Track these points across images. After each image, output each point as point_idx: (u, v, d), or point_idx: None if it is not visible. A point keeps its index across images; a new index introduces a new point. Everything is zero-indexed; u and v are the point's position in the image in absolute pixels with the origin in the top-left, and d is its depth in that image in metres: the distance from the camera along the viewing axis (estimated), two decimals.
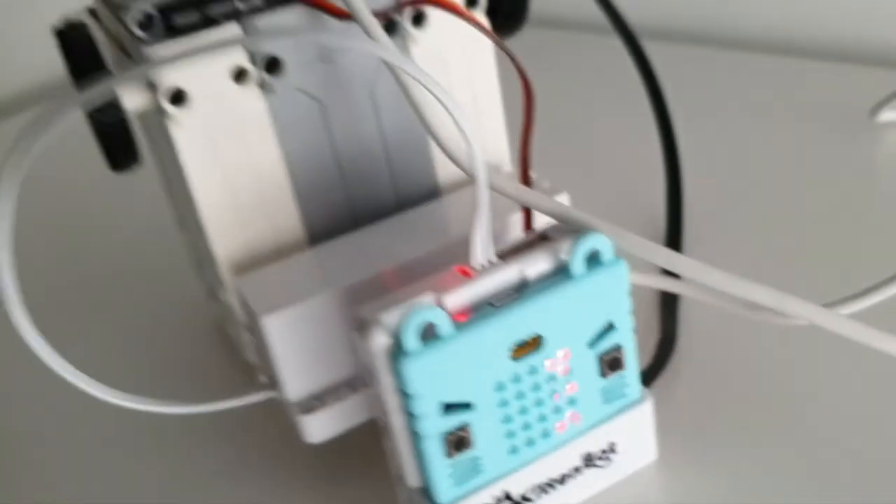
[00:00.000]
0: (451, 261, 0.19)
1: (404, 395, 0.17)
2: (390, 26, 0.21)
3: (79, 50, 0.20)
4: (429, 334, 0.17)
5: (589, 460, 0.20)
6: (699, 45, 0.45)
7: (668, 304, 0.26)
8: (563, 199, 0.23)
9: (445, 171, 0.24)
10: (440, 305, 0.17)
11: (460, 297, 0.18)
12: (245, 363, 0.25)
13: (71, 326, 0.30)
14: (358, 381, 0.21)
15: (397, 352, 0.17)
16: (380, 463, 0.20)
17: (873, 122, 0.34)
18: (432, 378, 0.17)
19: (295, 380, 0.21)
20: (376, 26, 0.19)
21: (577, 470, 0.20)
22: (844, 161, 0.33)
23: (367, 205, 0.23)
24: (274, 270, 0.21)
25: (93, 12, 0.23)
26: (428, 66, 0.20)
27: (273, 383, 0.22)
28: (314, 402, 0.21)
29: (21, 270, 0.16)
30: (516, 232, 0.21)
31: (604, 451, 0.20)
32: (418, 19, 0.22)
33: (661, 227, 0.30)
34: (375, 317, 0.17)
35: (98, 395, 0.19)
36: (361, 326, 0.17)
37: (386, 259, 0.21)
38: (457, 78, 0.23)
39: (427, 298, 0.17)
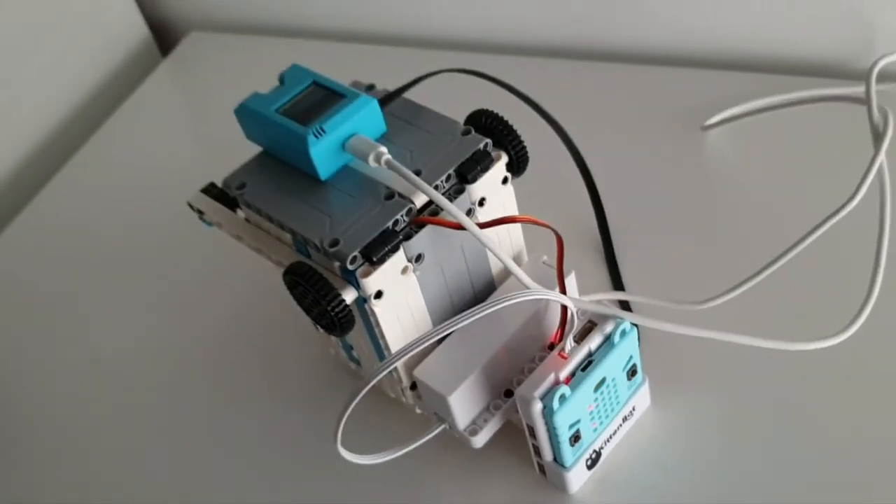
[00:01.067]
0: (538, 335, 0.36)
1: (552, 428, 0.34)
2: (469, 212, 0.36)
3: (313, 283, 0.34)
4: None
5: (624, 419, 0.38)
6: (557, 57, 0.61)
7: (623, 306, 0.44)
8: (572, 279, 0.39)
9: (496, 274, 0.40)
10: (558, 379, 0.34)
11: (566, 371, 0.34)
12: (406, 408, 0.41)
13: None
14: (491, 405, 0.38)
15: (548, 411, 0.34)
16: (516, 446, 0.37)
17: (702, 129, 0.52)
18: (564, 418, 0.34)
19: (462, 419, 0.37)
20: (471, 224, 0.34)
21: (620, 427, 0.38)
22: (693, 161, 0.51)
23: (460, 302, 0.39)
24: (433, 361, 0.37)
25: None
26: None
27: (444, 421, 0.38)
28: (473, 427, 0.38)
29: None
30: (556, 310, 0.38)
31: (630, 413, 0.38)
32: (481, 202, 0.37)
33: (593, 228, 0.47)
34: (532, 395, 0.34)
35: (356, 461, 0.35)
36: (524, 401, 0.34)
37: (490, 341, 0.37)
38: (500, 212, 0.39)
39: (553, 377, 0.34)
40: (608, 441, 0.38)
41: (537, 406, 0.34)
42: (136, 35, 0.73)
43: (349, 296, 0.34)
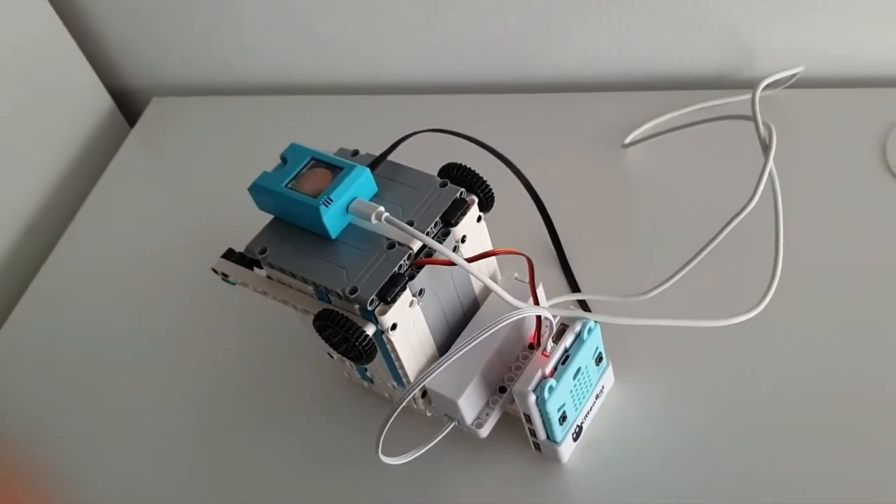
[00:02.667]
0: (518, 338, 0.45)
1: (545, 413, 0.43)
2: (455, 249, 0.45)
3: (341, 325, 0.42)
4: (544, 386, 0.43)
5: (596, 397, 0.48)
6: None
7: (582, 304, 0.53)
8: (540, 290, 0.48)
9: (478, 294, 0.48)
10: (544, 374, 0.43)
11: (550, 366, 0.43)
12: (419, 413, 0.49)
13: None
14: (490, 401, 0.47)
15: (541, 401, 0.43)
16: (512, 431, 0.46)
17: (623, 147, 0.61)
18: (553, 404, 0.43)
19: (469, 415, 0.46)
20: (459, 259, 0.43)
21: (594, 403, 0.47)
22: (615, 177, 0.61)
23: (454, 321, 0.47)
24: (439, 372, 0.46)
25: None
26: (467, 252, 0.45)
27: (453, 419, 0.46)
28: (478, 421, 0.46)
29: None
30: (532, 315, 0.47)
31: (600, 391, 0.48)
32: (463, 239, 0.45)
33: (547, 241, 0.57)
34: (527, 390, 0.43)
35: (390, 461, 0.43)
36: (520, 395, 0.43)
37: (484, 349, 0.46)
38: (477, 245, 0.47)
39: (540, 373, 0.43)
40: (587, 416, 0.47)
41: (532, 398, 0.42)
42: (102, 106, 0.79)
43: (370, 330, 0.42)
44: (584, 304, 0.52)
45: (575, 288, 0.55)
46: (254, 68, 0.78)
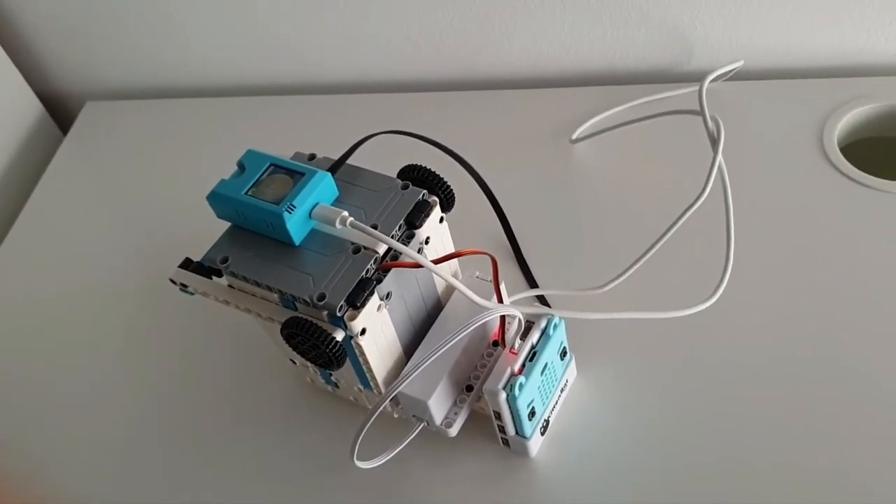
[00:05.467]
0: (482, 336, 0.45)
1: (515, 410, 0.44)
2: (419, 251, 0.45)
3: (310, 332, 0.41)
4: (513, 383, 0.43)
5: (561, 391, 0.48)
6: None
7: (541, 300, 0.54)
8: (503, 287, 0.49)
9: (441, 293, 0.49)
10: (513, 371, 0.44)
11: (518, 363, 0.44)
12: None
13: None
14: (458, 400, 0.47)
15: (511, 398, 0.43)
16: (480, 428, 0.47)
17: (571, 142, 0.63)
18: (524, 400, 0.44)
19: (438, 415, 0.46)
20: (426, 261, 0.43)
21: (559, 397, 0.48)
22: (562, 171, 0.62)
23: (419, 321, 0.48)
24: (402, 377, 0.46)
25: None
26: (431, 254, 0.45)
27: (422, 420, 0.47)
28: (447, 420, 0.47)
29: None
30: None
31: (565, 384, 0.49)
32: (427, 240, 0.46)
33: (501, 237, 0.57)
34: (497, 388, 0.43)
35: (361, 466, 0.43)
36: (491, 393, 0.43)
37: (452, 350, 0.46)
38: (439, 246, 0.47)
39: (509, 371, 0.44)
40: (553, 410, 0.48)
41: (502, 395, 0.43)
42: (32, 113, 0.76)
43: (339, 336, 0.42)
44: (543, 300, 0.53)
45: (532, 283, 0.56)
46: (191, 69, 0.76)
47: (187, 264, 0.47)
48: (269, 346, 0.49)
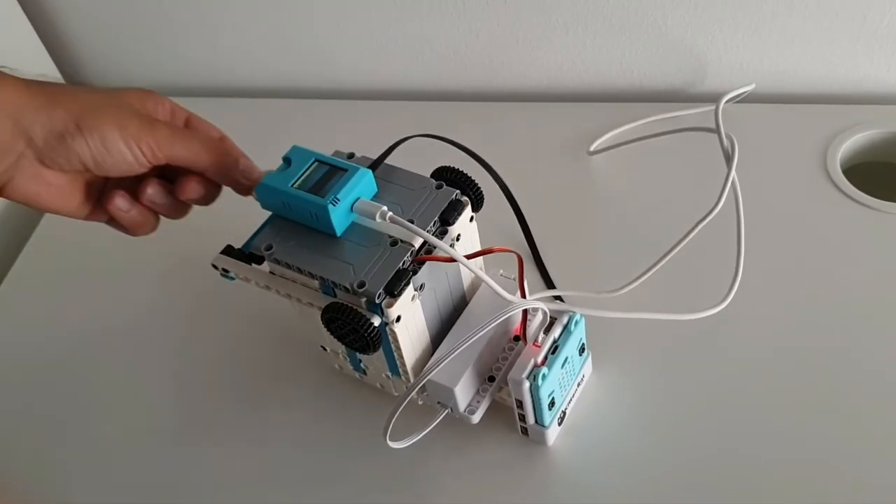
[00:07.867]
0: (505, 331, 0.48)
1: (537, 399, 0.47)
2: (451, 247, 0.48)
3: (350, 317, 0.44)
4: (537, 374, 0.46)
5: (578, 384, 0.51)
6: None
7: (559, 300, 0.57)
8: (525, 285, 0.52)
9: (466, 289, 0.52)
10: (537, 363, 0.47)
11: (541, 355, 0.47)
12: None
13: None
14: (481, 389, 0.50)
15: (534, 388, 0.46)
16: (499, 417, 0.50)
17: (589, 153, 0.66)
18: (545, 390, 0.47)
19: (462, 402, 0.49)
20: (460, 256, 0.46)
21: (576, 390, 0.51)
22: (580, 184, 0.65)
23: (446, 314, 0.51)
24: (434, 363, 0.49)
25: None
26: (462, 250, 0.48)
27: (447, 406, 0.50)
28: (471, 408, 0.49)
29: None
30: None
31: (582, 379, 0.52)
32: (458, 237, 0.49)
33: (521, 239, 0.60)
34: (522, 377, 0.46)
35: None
36: (515, 382, 0.46)
37: (477, 342, 0.49)
38: (468, 244, 0.50)
39: (532, 362, 0.46)
40: (570, 402, 0.51)
41: (526, 384, 0.46)
42: None
43: (376, 322, 0.45)
44: (560, 300, 0.56)
45: (550, 285, 0.59)
46: (226, 70, 0.79)
47: (229, 251, 0.50)
48: (300, 333, 0.51)
